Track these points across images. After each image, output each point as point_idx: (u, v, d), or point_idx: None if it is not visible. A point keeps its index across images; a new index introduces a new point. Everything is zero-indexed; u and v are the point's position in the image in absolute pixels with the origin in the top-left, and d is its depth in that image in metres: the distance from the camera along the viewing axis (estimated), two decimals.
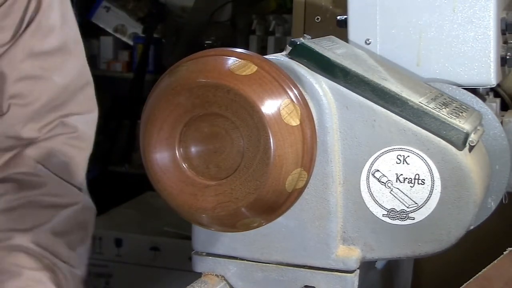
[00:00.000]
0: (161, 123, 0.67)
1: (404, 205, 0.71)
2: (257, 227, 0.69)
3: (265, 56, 0.69)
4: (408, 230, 0.72)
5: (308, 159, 0.67)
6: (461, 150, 0.70)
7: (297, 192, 0.68)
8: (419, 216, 0.71)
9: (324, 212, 0.72)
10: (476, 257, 1.00)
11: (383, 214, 0.72)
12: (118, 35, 3.60)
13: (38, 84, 1.11)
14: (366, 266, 0.76)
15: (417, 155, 0.70)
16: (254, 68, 0.66)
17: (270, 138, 0.64)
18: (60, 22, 1.14)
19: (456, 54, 0.80)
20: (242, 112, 0.64)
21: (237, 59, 0.66)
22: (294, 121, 0.65)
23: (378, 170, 0.71)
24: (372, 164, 0.71)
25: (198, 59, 0.68)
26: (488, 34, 0.79)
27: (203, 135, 0.67)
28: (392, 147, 0.71)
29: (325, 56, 0.72)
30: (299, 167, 0.66)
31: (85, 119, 1.17)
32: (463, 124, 0.71)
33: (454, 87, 0.80)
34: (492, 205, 0.82)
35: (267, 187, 0.65)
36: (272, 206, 0.67)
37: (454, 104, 0.76)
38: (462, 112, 0.74)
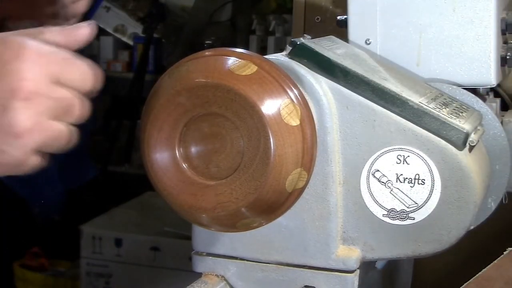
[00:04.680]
0: (161, 123, 0.67)
1: (404, 205, 0.71)
2: (257, 227, 0.69)
3: (265, 56, 0.69)
4: (408, 230, 0.72)
5: (308, 159, 0.67)
6: (461, 150, 0.70)
7: (297, 192, 0.68)
8: (419, 216, 0.71)
9: (324, 212, 0.72)
10: (476, 257, 1.00)
11: (383, 214, 0.72)
12: (118, 35, 3.59)
13: None
14: (366, 266, 0.76)
15: (417, 155, 0.70)
16: (254, 68, 0.66)
17: (270, 138, 0.64)
18: None
19: (456, 54, 0.80)
20: (242, 112, 0.64)
21: (237, 59, 0.66)
22: (294, 121, 0.65)
23: (378, 170, 0.71)
24: (372, 164, 0.71)
25: (198, 59, 0.68)
26: (488, 34, 0.79)
27: (203, 135, 0.66)
28: (392, 147, 0.71)
29: (325, 56, 0.72)
30: (299, 167, 0.66)
31: None
32: (463, 124, 0.71)
33: (454, 87, 0.80)
34: (492, 205, 0.82)
35: (267, 187, 0.65)
36: (272, 206, 0.67)
37: (454, 104, 0.75)
38: (462, 112, 0.74)
